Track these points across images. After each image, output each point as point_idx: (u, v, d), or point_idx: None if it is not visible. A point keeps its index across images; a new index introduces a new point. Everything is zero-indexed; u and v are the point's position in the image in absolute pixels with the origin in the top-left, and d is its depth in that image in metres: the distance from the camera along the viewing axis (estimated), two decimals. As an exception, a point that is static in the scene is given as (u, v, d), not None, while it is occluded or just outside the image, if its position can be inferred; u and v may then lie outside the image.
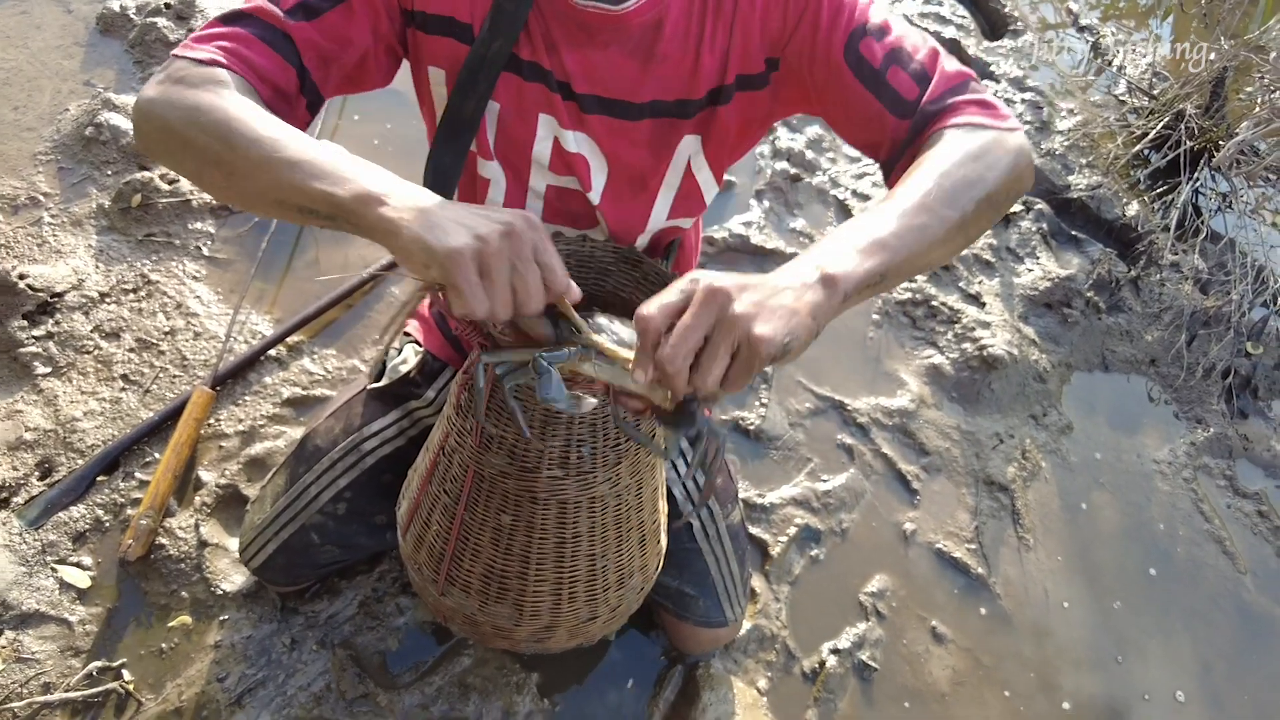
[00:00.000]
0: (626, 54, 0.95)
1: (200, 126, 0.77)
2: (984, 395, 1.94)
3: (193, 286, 1.79)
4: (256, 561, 1.31)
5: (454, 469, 1.06)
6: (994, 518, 1.79)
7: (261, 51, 0.85)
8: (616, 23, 0.92)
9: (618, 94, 0.97)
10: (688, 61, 0.96)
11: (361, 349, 1.76)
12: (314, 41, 0.87)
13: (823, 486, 1.74)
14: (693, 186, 1.07)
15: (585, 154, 1.01)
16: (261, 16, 0.86)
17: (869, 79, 0.90)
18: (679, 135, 1.02)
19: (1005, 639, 1.63)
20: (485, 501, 1.04)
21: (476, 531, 1.06)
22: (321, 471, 1.29)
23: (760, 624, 1.54)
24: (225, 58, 0.82)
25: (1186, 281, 2.28)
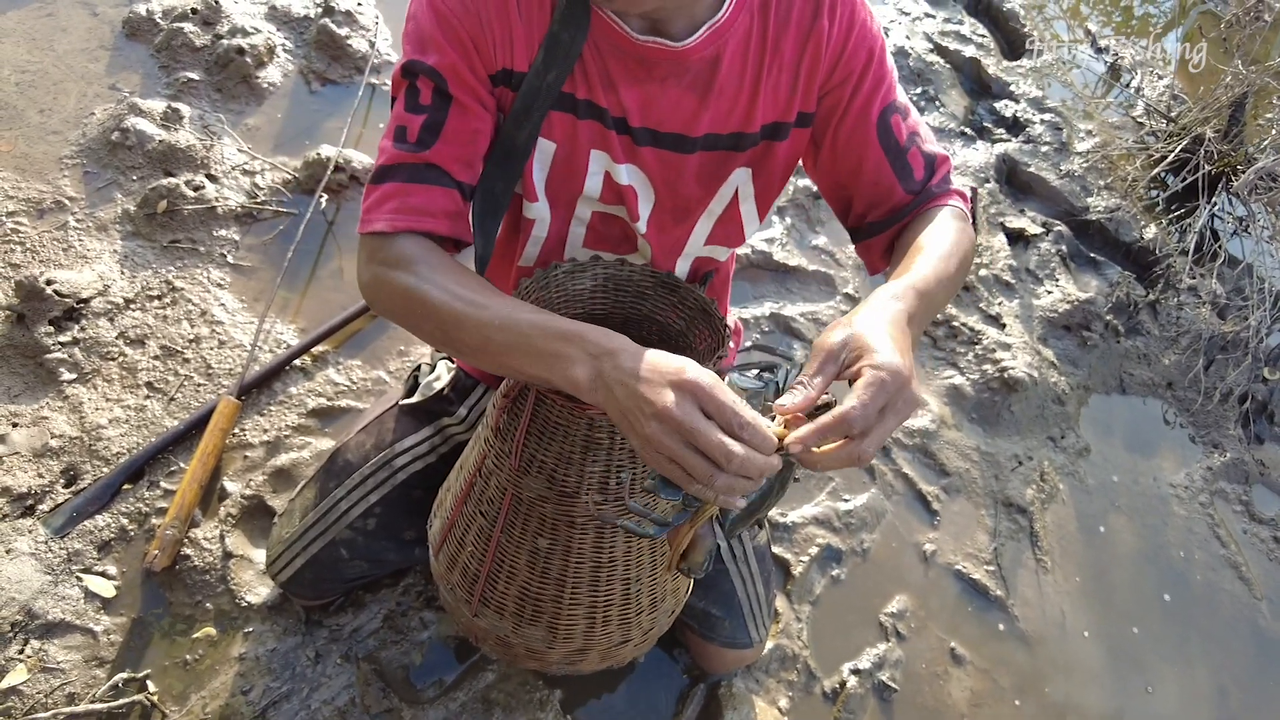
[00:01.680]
0: (684, 88, 0.96)
1: (417, 316, 0.88)
2: (1004, 417, 1.95)
3: (217, 294, 1.79)
4: (284, 576, 1.31)
5: (490, 490, 1.06)
6: (1013, 539, 1.79)
7: (419, 194, 0.91)
8: (676, 58, 0.93)
9: (673, 128, 0.98)
10: (744, 96, 0.98)
11: (387, 360, 1.76)
12: (453, 155, 0.93)
13: (844, 506, 1.74)
14: (734, 216, 1.08)
15: (635, 185, 1.02)
16: (403, 162, 0.92)
17: (892, 151, 1.01)
18: (731, 168, 1.03)
19: (1023, 661, 1.63)
20: (523, 524, 1.04)
21: (512, 554, 1.06)
22: (352, 487, 1.29)
23: (782, 643, 1.54)
24: (400, 222, 0.90)
25: (1204, 306, 2.28)
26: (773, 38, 0.96)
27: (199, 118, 2.07)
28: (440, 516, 1.18)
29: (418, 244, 0.90)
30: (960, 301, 2.14)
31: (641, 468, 1.00)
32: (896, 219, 1.02)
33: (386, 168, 0.92)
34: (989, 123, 2.65)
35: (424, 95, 0.91)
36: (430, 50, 0.90)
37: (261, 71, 2.21)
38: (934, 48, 2.81)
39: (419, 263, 0.89)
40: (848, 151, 1.02)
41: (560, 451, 0.98)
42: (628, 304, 1.12)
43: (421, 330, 0.90)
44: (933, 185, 1.02)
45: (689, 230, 1.10)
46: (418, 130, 0.91)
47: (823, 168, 1.06)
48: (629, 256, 1.12)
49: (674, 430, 0.70)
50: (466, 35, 0.90)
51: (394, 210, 0.91)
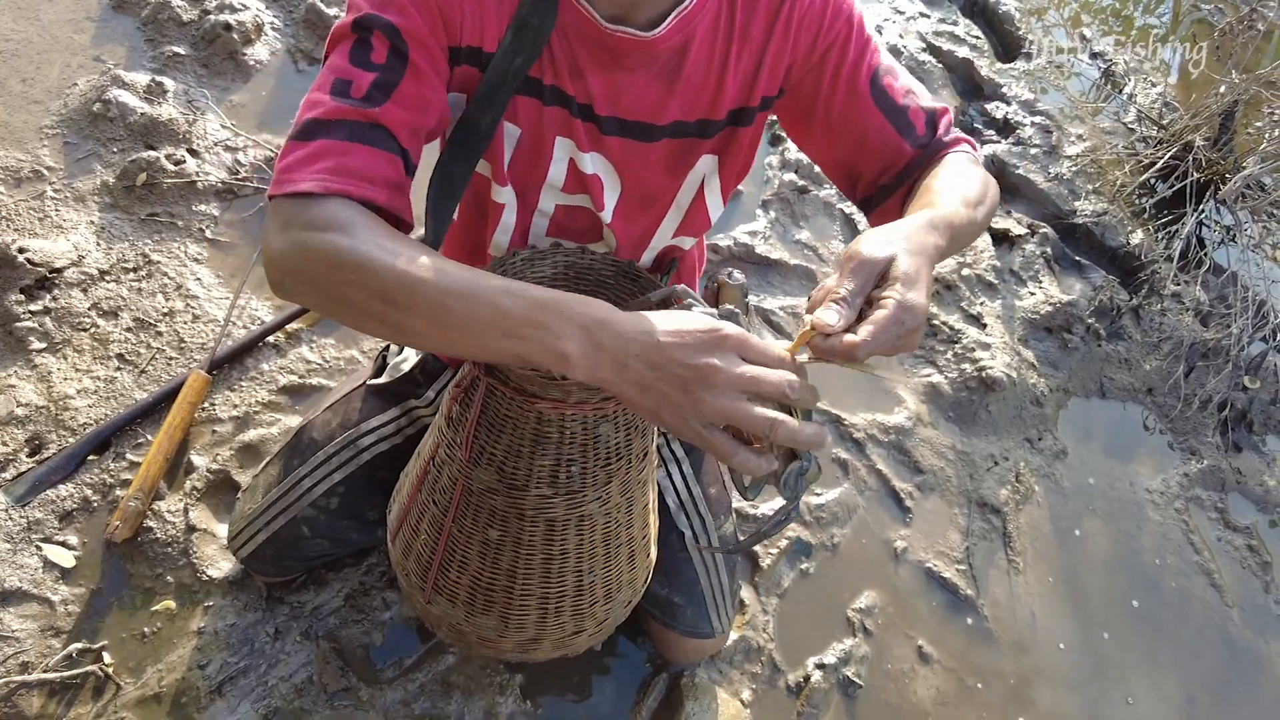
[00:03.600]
0: (652, 77, 0.95)
1: (350, 285, 0.73)
2: (981, 416, 1.94)
3: (194, 268, 1.78)
4: (245, 551, 1.30)
5: (443, 480, 1.05)
6: (985, 539, 1.79)
7: (361, 154, 0.79)
8: (645, 47, 0.91)
9: (640, 116, 0.97)
10: (711, 83, 0.97)
11: (361, 339, 1.75)
12: (402, 119, 0.82)
13: (816, 500, 1.73)
14: (700, 205, 1.08)
15: (600, 174, 1.01)
16: (345, 118, 0.80)
17: (892, 112, 0.99)
18: (697, 155, 1.03)
19: (991, 661, 1.63)
20: (474, 515, 1.03)
21: (464, 544, 1.06)
22: (316, 465, 1.29)
23: (747, 635, 1.53)
24: (332, 183, 0.76)
25: (1187, 313, 2.28)
26: (740, 23, 0.95)
27: (183, 92, 2.06)
28: (398, 502, 1.17)
29: (352, 208, 0.76)
30: (941, 300, 2.13)
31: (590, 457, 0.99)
32: (908, 175, 1.00)
33: (320, 122, 0.79)
34: (979, 124, 2.65)
35: (378, 52, 0.83)
36: (392, 8, 0.83)
37: (249, 48, 2.19)
38: (927, 47, 2.80)
39: (355, 225, 0.74)
40: (846, 123, 1.00)
41: (509, 444, 0.97)
42: (585, 291, 1.11)
43: (354, 304, 0.74)
44: (939, 137, 1.00)
45: (657, 221, 1.09)
46: (366, 86, 0.81)
47: (821, 144, 1.04)
48: (593, 246, 1.11)
49: (733, 388, 0.66)
50: (435, 2, 0.85)
51: (327, 170, 0.77)
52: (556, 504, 1.01)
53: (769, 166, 2.32)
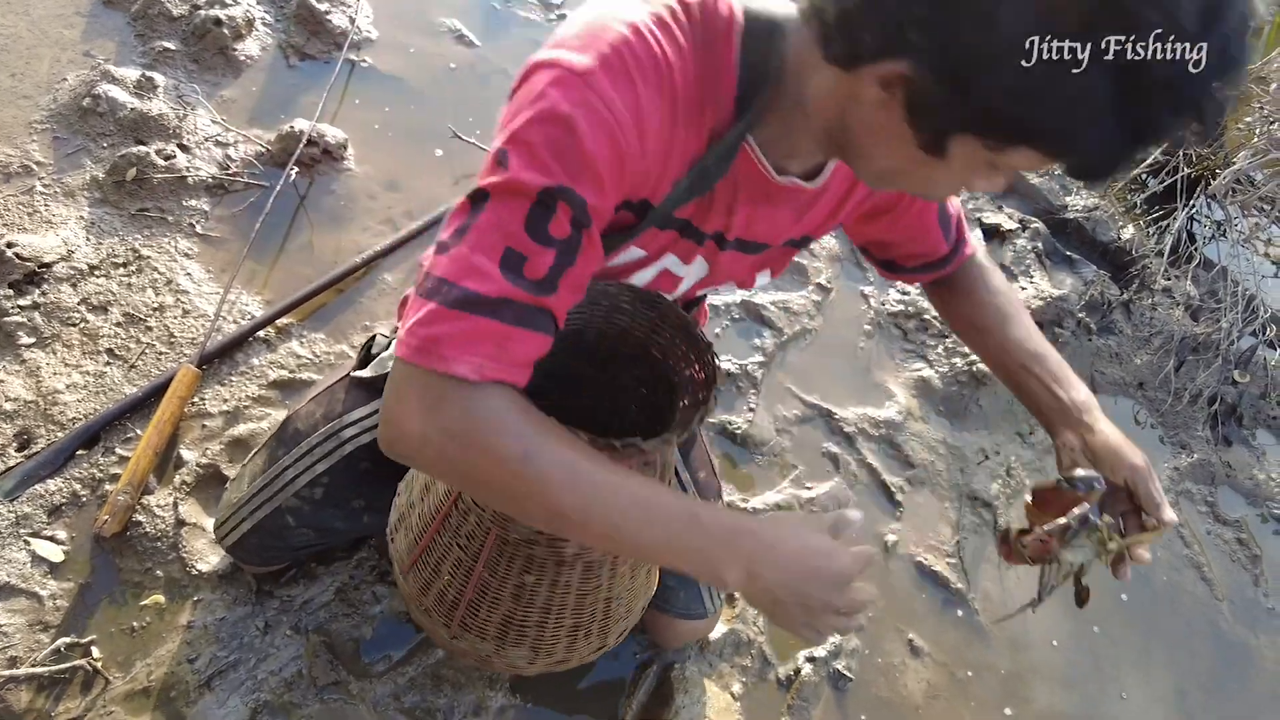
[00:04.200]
0: (790, 211, 0.99)
1: (520, 496, 0.74)
2: (971, 411, 1.94)
3: (184, 264, 1.77)
4: (230, 539, 1.30)
5: (470, 526, 1.02)
6: (975, 533, 1.79)
7: (523, 340, 0.74)
8: (804, 194, 0.95)
9: (761, 238, 1.01)
10: (829, 210, 1.03)
11: (351, 334, 1.75)
12: (567, 302, 0.78)
13: (806, 494, 1.74)
14: (752, 282, 1.13)
15: (697, 275, 1.05)
16: (514, 299, 0.73)
17: (941, 213, 1.13)
18: (789, 257, 1.12)
19: (981, 654, 1.63)
20: (508, 563, 1.02)
21: (496, 587, 1.05)
22: (300, 455, 1.28)
23: (737, 629, 1.53)
24: (490, 370, 0.72)
25: (1177, 307, 2.29)
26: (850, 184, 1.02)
27: (174, 87, 2.05)
28: (405, 535, 1.14)
29: (508, 398, 0.74)
30: (933, 295, 2.14)
31: None
32: (937, 267, 1.17)
33: (485, 301, 0.72)
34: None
35: (559, 223, 0.74)
36: (588, 183, 0.75)
37: (239, 44, 2.19)
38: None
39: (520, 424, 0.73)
40: (908, 225, 1.11)
41: None
42: (601, 318, 1.09)
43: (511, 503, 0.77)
44: (963, 236, 1.17)
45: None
46: (545, 270, 0.74)
47: (872, 235, 1.15)
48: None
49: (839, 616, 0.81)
50: (638, 174, 0.81)
51: (488, 356, 0.72)
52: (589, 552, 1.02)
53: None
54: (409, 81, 2.27)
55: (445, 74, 2.31)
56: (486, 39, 2.45)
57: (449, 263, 0.73)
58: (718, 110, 0.84)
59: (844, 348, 2.01)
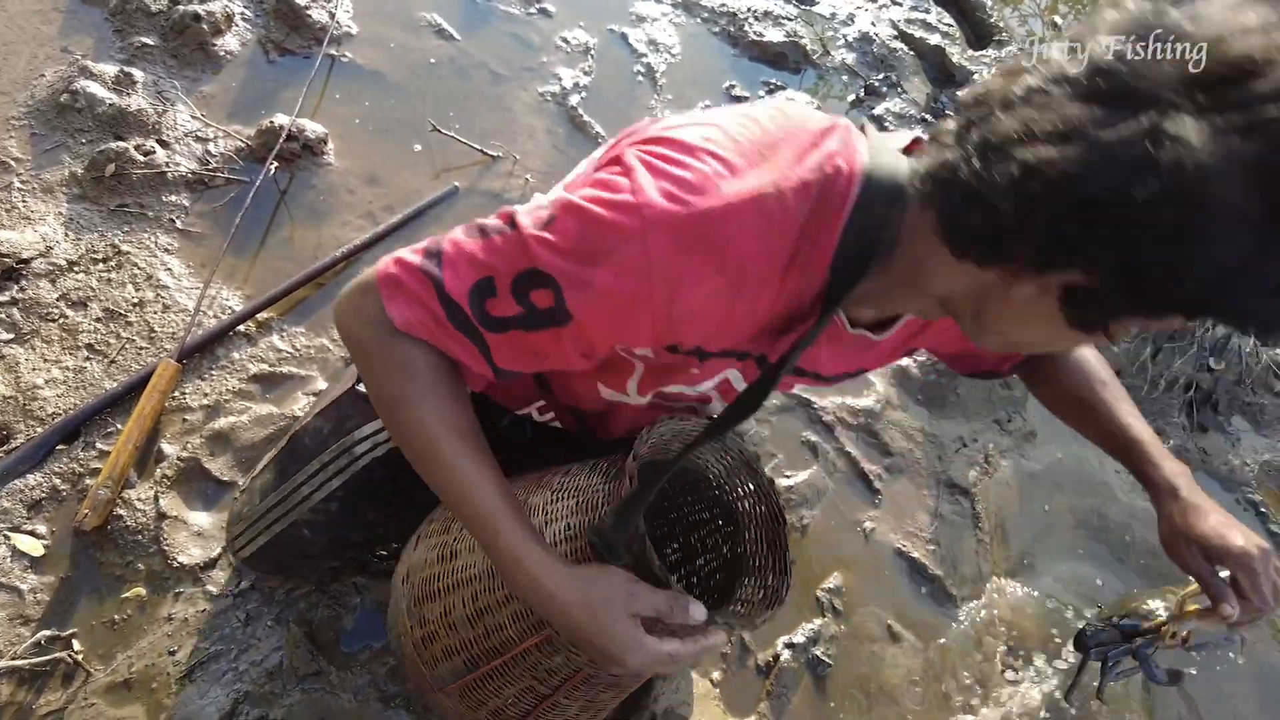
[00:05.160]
0: (853, 351, 0.98)
1: (399, 426, 0.84)
2: (949, 399, 1.96)
3: (164, 259, 1.78)
4: (246, 552, 1.30)
5: (554, 664, 1.00)
6: (954, 519, 1.81)
7: (455, 339, 0.82)
8: (871, 344, 0.95)
9: (819, 369, 1.00)
10: (892, 353, 1.03)
11: (331, 329, 1.76)
12: (509, 353, 0.83)
13: (785, 482, 1.75)
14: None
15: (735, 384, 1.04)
16: (465, 312, 0.80)
17: None
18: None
19: (958, 641, 1.65)
20: (587, 688, 1.03)
21: (563, 707, 1.05)
22: (312, 473, 1.28)
23: (717, 616, 1.55)
24: (427, 334, 0.81)
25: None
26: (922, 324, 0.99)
27: (153, 83, 2.05)
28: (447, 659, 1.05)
29: (434, 359, 0.83)
30: (911, 285, 2.16)
31: None
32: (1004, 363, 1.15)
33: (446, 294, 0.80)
34: (951, 110, 2.67)
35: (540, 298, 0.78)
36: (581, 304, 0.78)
37: (218, 39, 2.18)
38: (898, 35, 2.82)
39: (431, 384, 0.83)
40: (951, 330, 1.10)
41: None
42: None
43: (392, 429, 0.87)
44: None
45: None
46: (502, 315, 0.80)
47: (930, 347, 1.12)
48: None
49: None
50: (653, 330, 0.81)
51: (420, 322, 0.81)
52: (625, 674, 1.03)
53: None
54: (389, 76, 2.27)
55: (425, 69, 2.32)
56: (466, 33, 2.45)
57: (454, 244, 0.81)
58: (804, 277, 0.80)
59: (823, 338, 2.03)
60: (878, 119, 2.54)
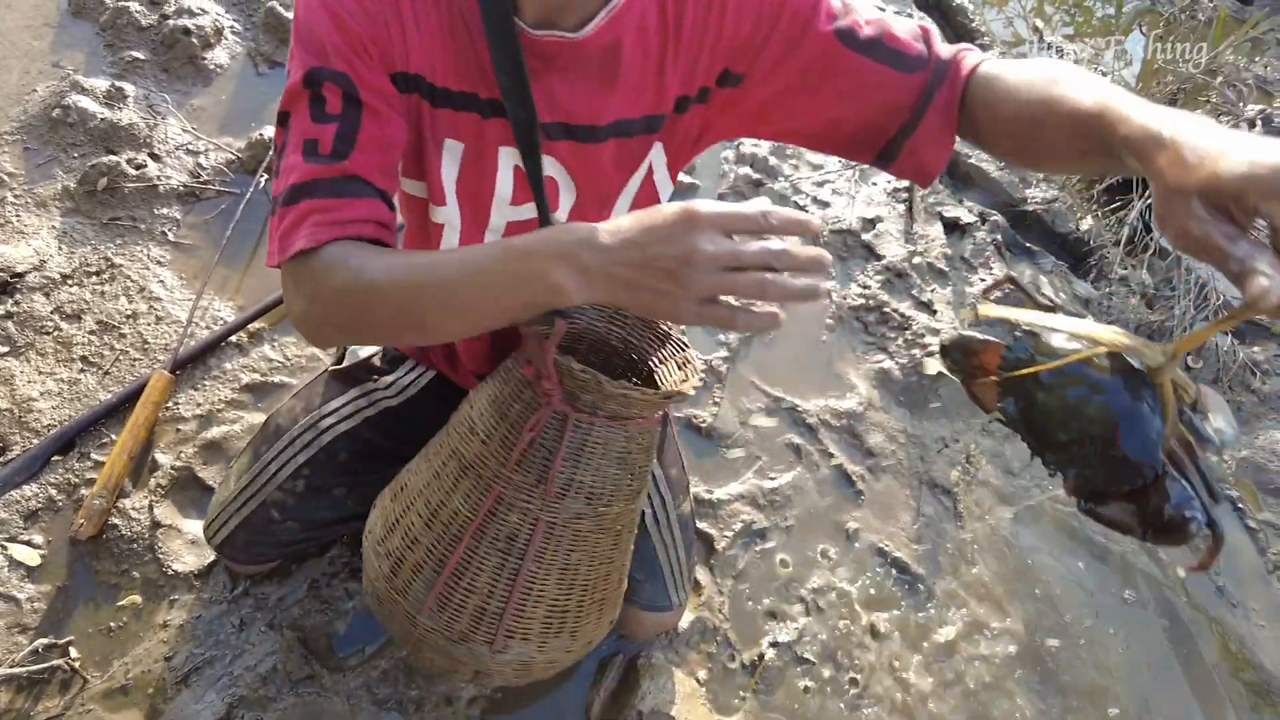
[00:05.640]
0: (588, 78, 0.96)
1: (371, 308, 0.83)
2: (930, 400, 2.00)
3: (157, 271, 1.81)
4: (219, 538, 1.34)
5: (511, 525, 1.04)
6: (936, 520, 1.84)
7: (343, 207, 0.86)
8: (575, 49, 0.93)
9: (583, 119, 0.98)
10: (650, 79, 0.98)
11: (322, 338, 1.79)
12: (371, 164, 0.88)
13: (770, 484, 1.79)
14: (651, 190, 1.10)
15: (553, 175, 1.03)
16: (320, 177, 0.86)
17: (869, 49, 0.95)
18: (646, 148, 1.05)
19: (939, 640, 1.69)
20: (554, 547, 1.06)
21: (541, 579, 1.07)
22: (281, 449, 1.33)
23: (703, 616, 1.58)
24: (322, 234, 0.84)
25: (1134, 295, 2.35)
26: (673, 17, 0.96)
27: (144, 97, 2.08)
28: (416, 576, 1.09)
29: (343, 245, 0.85)
30: (893, 288, 2.18)
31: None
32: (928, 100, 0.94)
33: (299, 186, 0.86)
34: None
35: (331, 103, 0.86)
36: (332, 55, 0.86)
37: (208, 52, 2.21)
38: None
39: (349, 258, 0.83)
40: (826, 77, 0.96)
41: (597, 468, 1.03)
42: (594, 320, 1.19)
43: (378, 322, 0.85)
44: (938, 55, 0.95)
45: (610, 212, 1.12)
46: (331, 141, 0.86)
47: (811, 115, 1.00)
48: None
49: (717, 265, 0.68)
50: (367, 36, 0.87)
51: (316, 225, 0.84)
52: (625, 510, 1.08)
53: (725, 160, 2.36)
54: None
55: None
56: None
57: (277, 179, 0.88)
58: None
59: (806, 341, 2.06)
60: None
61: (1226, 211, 0.58)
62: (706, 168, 2.33)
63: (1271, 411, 2.27)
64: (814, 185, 2.37)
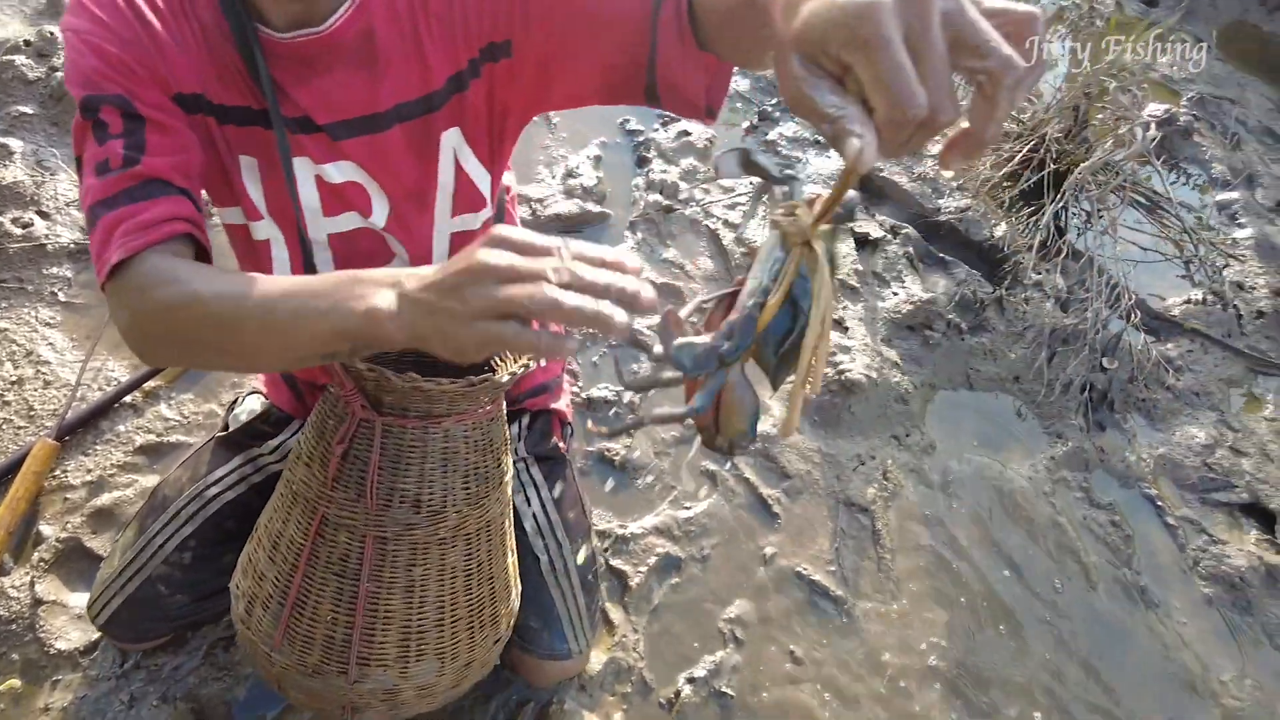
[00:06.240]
0: (352, 69, 0.96)
1: (194, 326, 0.82)
2: (844, 418, 2.00)
3: (45, 333, 1.76)
4: (102, 618, 1.29)
5: (341, 546, 1.03)
6: (854, 539, 1.84)
7: (147, 209, 0.86)
8: (327, 44, 0.93)
9: (360, 111, 0.98)
10: (413, 59, 0.98)
11: (220, 392, 1.75)
12: (167, 164, 0.88)
13: (684, 514, 1.77)
14: (465, 180, 1.09)
15: (357, 180, 1.03)
16: (118, 189, 0.86)
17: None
18: (437, 131, 1.03)
19: (864, 661, 1.68)
20: (392, 564, 1.04)
21: (386, 598, 1.05)
22: (166, 521, 1.29)
23: (617, 656, 1.56)
24: (134, 242, 0.84)
25: (1048, 300, 2.37)
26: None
27: (32, 153, 2.03)
28: (263, 610, 1.09)
29: (164, 257, 0.85)
30: (805, 307, 2.19)
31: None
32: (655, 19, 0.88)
33: (101, 202, 0.86)
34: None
35: (113, 124, 0.87)
36: (102, 82, 0.87)
37: (101, 103, 2.17)
38: (792, 58, 2.87)
39: (175, 271, 0.83)
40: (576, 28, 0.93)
41: (420, 472, 1.00)
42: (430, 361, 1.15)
43: (202, 343, 0.84)
44: None
45: (431, 212, 1.10)
46: (120, 154, 0.86)
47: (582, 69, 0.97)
48: (390, 266, 1.12)
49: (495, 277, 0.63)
50: (132, 60, 0.88)
51: (124, 234, 0.84)
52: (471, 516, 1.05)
53: (635, 188, 2.36)
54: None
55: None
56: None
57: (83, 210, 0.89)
58: None
59: (721, 366, 2.05)
60: (772, 144, 2.59)
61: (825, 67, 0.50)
62: (616, 196, 2.32)
63: (1186, 408, 2.30)
64: (725, 209, 2.37)
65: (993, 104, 0.48)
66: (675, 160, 2.43)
